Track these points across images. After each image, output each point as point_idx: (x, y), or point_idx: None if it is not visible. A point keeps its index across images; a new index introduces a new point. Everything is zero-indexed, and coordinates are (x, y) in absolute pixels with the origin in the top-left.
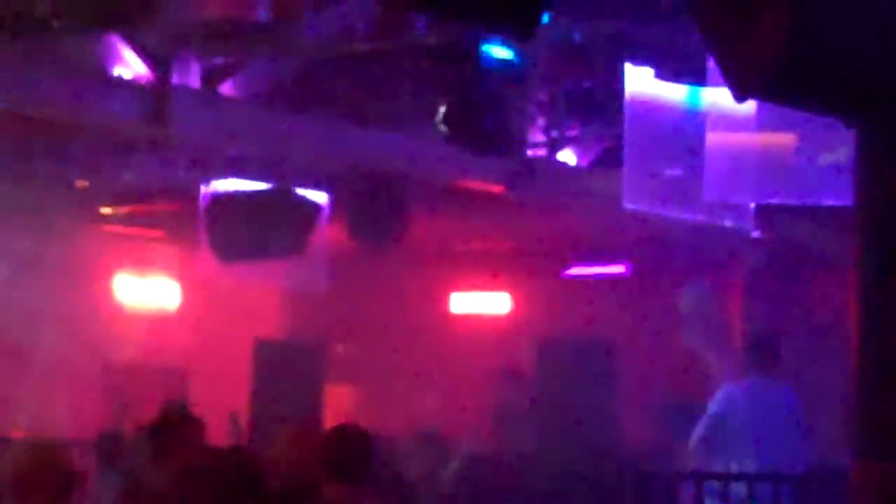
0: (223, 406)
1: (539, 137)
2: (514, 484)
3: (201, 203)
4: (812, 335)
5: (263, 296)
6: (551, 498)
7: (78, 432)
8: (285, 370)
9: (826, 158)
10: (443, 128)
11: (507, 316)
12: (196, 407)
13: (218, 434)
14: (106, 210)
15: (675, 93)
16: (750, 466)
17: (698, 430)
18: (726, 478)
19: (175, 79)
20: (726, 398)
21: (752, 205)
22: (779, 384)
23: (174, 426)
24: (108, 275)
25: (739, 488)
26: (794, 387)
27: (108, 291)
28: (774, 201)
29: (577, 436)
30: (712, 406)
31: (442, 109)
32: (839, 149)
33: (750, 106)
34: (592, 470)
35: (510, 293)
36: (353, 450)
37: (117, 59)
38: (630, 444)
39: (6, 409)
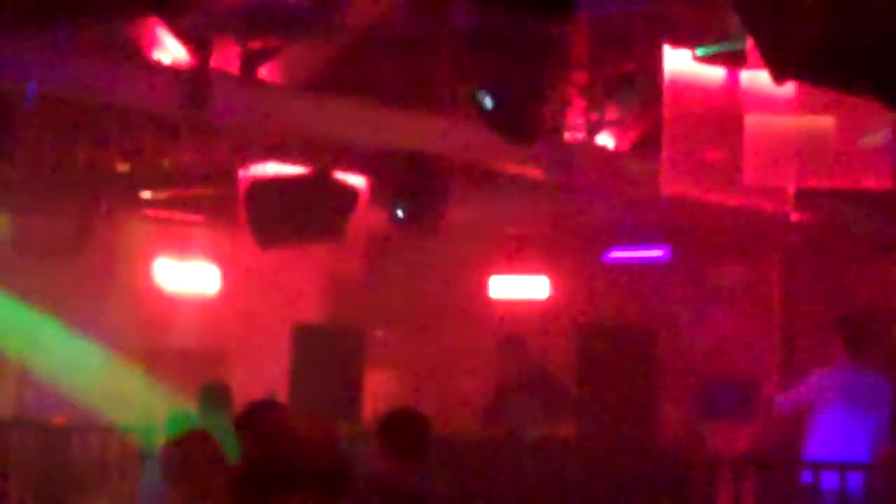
0: (262, 390)
1: (578, 121)
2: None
3: (241, 187)
4: None
5: (303, 280)
6: (590, 485)
7: (119, 416)
8: (324, 354)
9: (867, 140)
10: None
11: (546, 301)
12: (236, 391)
13: None
14: (146, 194)
15: (713, 75)
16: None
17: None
18: (768, 466)
19: (214, 63)
20: (817, 384)
21: (792, 188)
22: (870, 373)
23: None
24: (148, 259)
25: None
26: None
27: (148, 276)
28: (814, 184)
29: (616, 422)
30: (802, 390)
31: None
32: (880, 131)
33: (789, 88)
34: (632, 456)
35: (549, 277)
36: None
37: (157, 43)
38: (670, 431)
39: (52, 396)
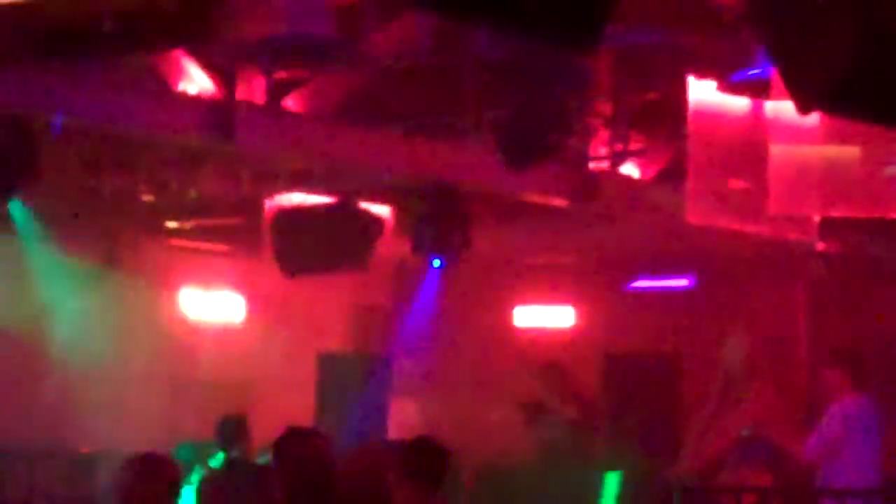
0: (287, 420)
1: (602, 150)
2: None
3: (266, 217)
4: (879, 349)
5: (327, 309)
6: None
7: (146, 445)
8: (350, 383)
9: (891, 170)
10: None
11: (572, 330)
12: (261, 420)
13: None
14: (172, 224)
15: (738, 105)
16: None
17: (816, 444)
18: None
19: (240, 94)
20: (841, 417)
21: (817, 217)
22: (867, 400)
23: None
24: (173, 289)
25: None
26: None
27: (173, 305)
28: (839, 214)
29: (640, 448)
30: (832, 426)
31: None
32: None
33: (814, 118)
34: (655, 482)
35: (574, 307)
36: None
37: (183, 74)
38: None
39: (79, 424)
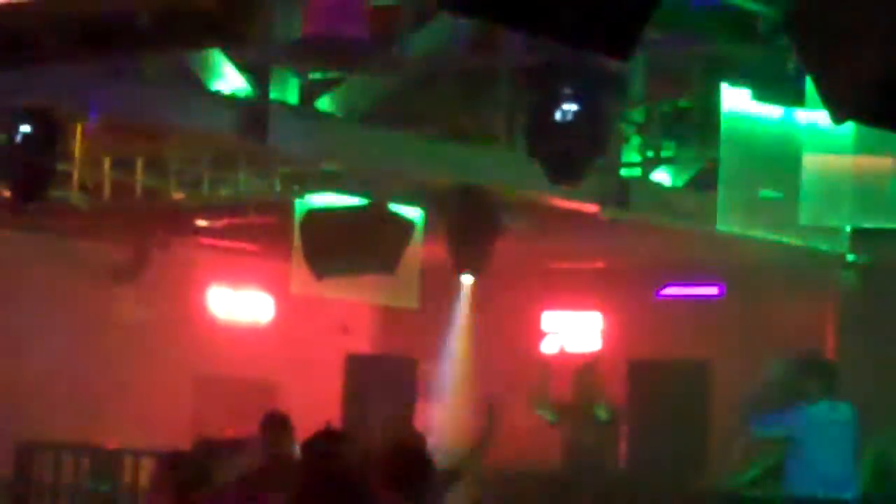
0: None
1: (634, 157)
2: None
3: (296, 217)
4: None
5: (355, 310)
6: None
7: (171, 443)
8: (376, 384)
9: None
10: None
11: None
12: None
13: None
14: (202, 223)
15: (771, 114)
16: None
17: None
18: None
19: (273, 94)
20: (804, 420)
21: (848, 228)
22: (842, 405)
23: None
24: (202, 287)
25: None
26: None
27: (202, 304)
28: (871, 225)
29: (667, 456)
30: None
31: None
32: None
33: (847, 128)
34: (682, 491)
35: (602, 313)
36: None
37: (217, 73)
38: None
39: (105, 421)
